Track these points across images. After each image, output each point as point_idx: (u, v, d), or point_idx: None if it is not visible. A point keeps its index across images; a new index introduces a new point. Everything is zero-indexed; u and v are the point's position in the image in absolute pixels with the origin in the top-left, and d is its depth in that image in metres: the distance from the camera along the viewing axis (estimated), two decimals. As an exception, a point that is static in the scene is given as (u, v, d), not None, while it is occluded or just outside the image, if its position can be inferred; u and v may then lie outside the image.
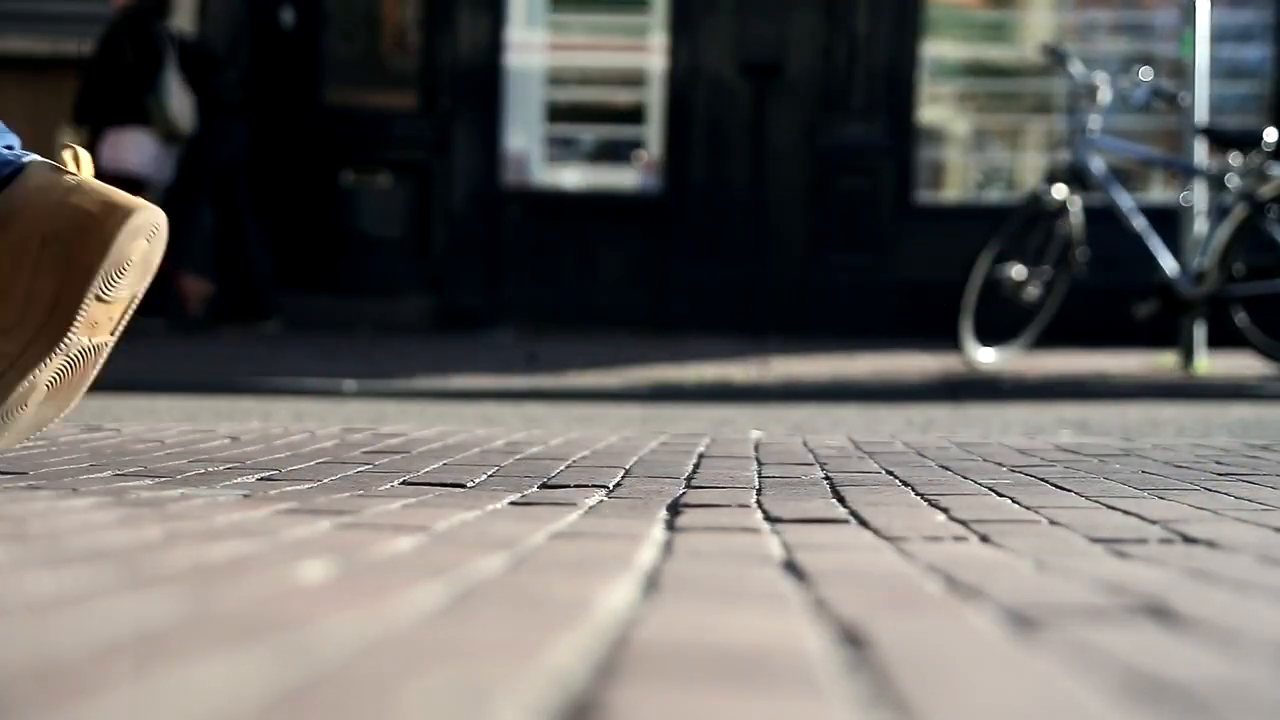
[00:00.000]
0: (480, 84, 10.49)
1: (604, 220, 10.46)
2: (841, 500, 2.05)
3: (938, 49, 10.61)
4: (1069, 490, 2.21)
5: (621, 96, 10.82)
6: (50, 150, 2.46)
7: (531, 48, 10.69)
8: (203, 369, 7.31)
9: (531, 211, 10.49)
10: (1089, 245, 7.94)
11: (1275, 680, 0.92)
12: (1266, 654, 1.00)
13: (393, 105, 10.69)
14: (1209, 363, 7.79)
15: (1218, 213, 7.70)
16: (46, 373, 2.27)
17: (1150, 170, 10.22)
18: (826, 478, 2.39)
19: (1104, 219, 8.08)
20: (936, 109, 10.72)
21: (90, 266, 2.22)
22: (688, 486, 2.22)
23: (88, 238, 2.22)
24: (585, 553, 1.46)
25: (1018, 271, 7.77)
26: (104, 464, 2.49)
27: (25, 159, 2.36)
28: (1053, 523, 1.80)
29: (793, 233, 10.38)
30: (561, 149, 10.79)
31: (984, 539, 1.63)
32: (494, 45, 10.52)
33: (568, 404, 6.48)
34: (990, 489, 2.21)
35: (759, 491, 2.16)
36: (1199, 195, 7.84)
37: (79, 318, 2.24)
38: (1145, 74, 8.14)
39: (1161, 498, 2.12)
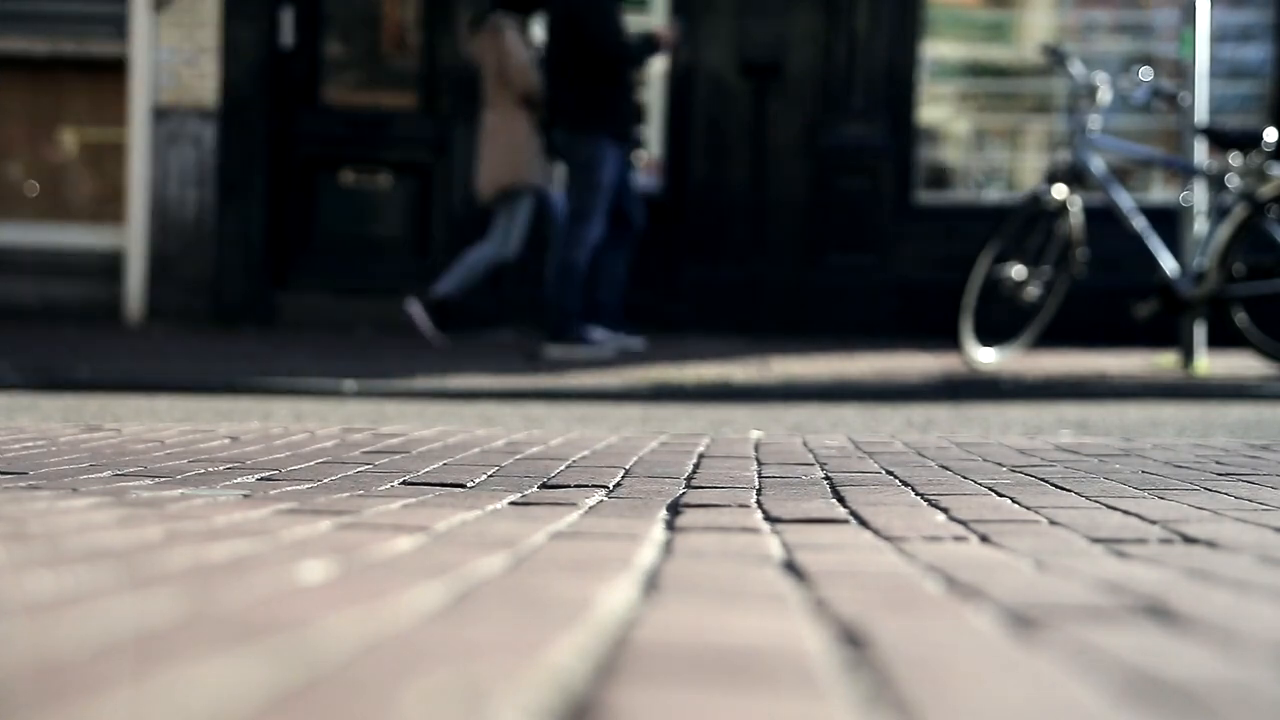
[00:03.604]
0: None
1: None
2: (841, 500, 2.05)
3: (938, 49, 10.61)
4: (1069, 490, 2.21)
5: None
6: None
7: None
8: (203, 369, 7.31)
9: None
10: (1089, 245, 7.95)
11: (1275, 680, 0.92)
12: (1266, 654, 1.00)
13: (393, 105, 10.69)
14: (1209, 363, 7.79)
15: (1218, 213, 7.70)
16: None
17: (1150, 170, 10.22)
18: (826, 478, 2.39)
19: (1104, 219, 8.09)
20: (936, 109, 10.71)
21: None
22: (688, 486, 2.22)
23: None
24: (585, 553, 1.46)
25: (1018, 271, 7.77)
26: (104, 464, 2.49)
27: None
28: (1053, 523, 1.80)
29: (793, 233, 10.38)
30: (561, 149, 10.79)
31: (984, 539, 1.63)
32: (494, 45, 10.51)
33: (568, 404, 6.48)
34: (990, 489, 2.21)
35: (759, 491, 2.16)
36: (1199, 195, 7.84)
37: None
38: (1145, 74, 8.14)
39: (1161, 498, 2.12)
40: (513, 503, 1.95)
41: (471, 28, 9.06)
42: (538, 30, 9.19)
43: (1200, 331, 7.81)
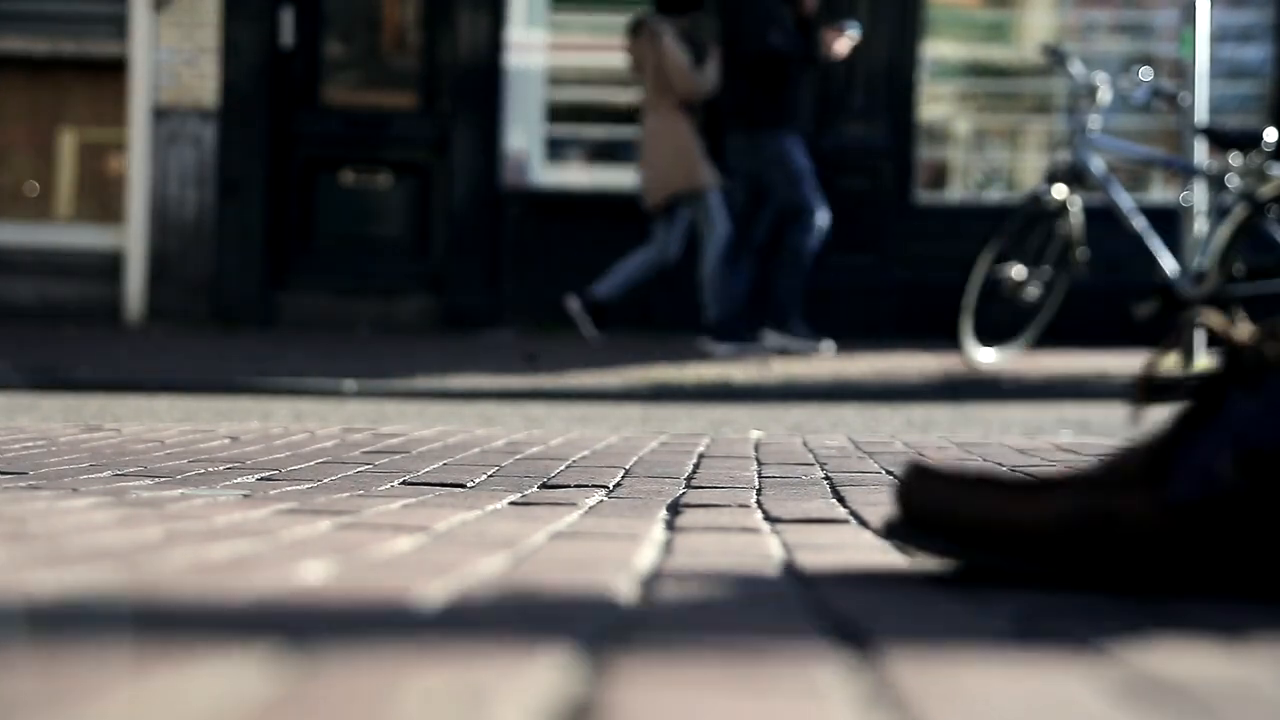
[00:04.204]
0: (480, 84, 10.49)
1: (604, 220, 10.46)
2: (841, 500, 2.05)
3: (938, 49, 10.61)
4: (1069, 490, 2.21)
5: (621, 96, 10.81)
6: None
7: (531, 48, 10.69)
8: (203, 369, 7.31)
9: (531, 211, 10.49)
10: (1089, 245, 7.95)
11: (1275, 680, 0.92)
12: (1266, 654, 1.00)
13: (393, 105, 10.69)
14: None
15: (1218, 213, 7.70)
16: None
17: (1150, 170, 10.22)
18: (826, 478, 2.39)
19: (1104, 219, 8.09)
20: (936, 109, 10.71)
21: None
22: (688, 486, 2.22)
23: None
24: (585, 553, 1.46)
25: (1018, 271, 7.77)
26: (104, 464, 2.49)
27: None
28: (1053, 523, 1.79)
29: (793, 233, 10.37)
30: (561, 149, 10.80)
31: (984, 539, 1.63)
32: (494, 45, 10.52)
33: (568, 404, 6.48)
34: (990, 489, 2.21)
35: (759, 491, 2.16)
36: (1199, 195, 7.84)
37: None
38: (1145, 74, 8.14)
39: (1161, 498, 2.12)
40: (513, 503, 1.95)
41: (629, 32, 9.12)
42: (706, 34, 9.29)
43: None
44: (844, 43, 8.60)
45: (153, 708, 0.76)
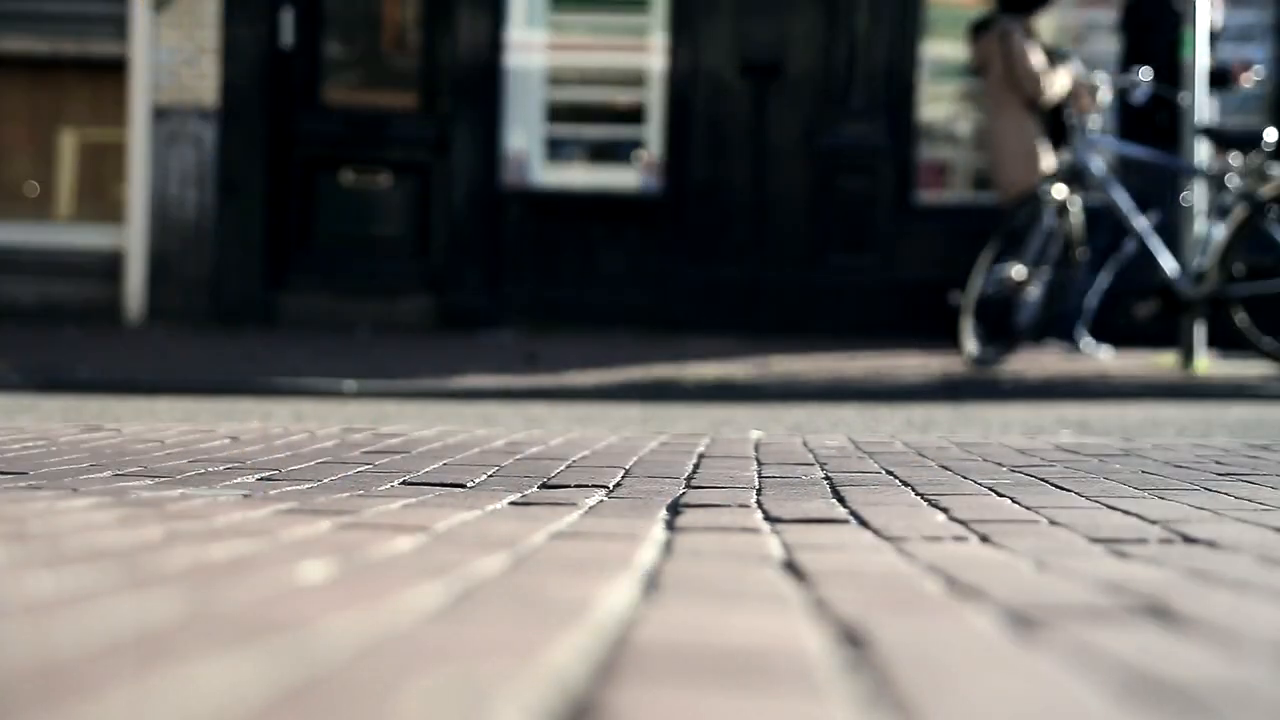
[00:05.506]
0: (480, 84, 10.49)
1: (604, 220, 10.45)
2: (841, 500, 2.05)
3: (938, 49, 10.60)
4: (1069, 490, 2.21)
5: (621, 96, 10.81)
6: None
7: (531, 48, 10.69)
8: (203, 369, 7.31)
9: (531, 211, 10.49)
10: (1089, 245, 7.95)
11: (1275, 680, 0.92)
12: (1266, 654, 1.00)
13: (393, 105, 10.69)
14: (1209, 363, 7.79)
15: (1218, 213, 7.70)
16: None
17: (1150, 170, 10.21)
18: (826, 478, 2.39)
19: (1104, 219, 8.10)
20: (936, 109, 10.70)
21: None
22: (688, 486, 2.22)
23: None
24: (585, 553, 1.46)
25: (1018, 271, 7.77)
26: (104, 464, 2.49)
27: None
28: (1053, 523, 1.80)
29: (793, 233, 10.38)
30: (561, 149, 10.79)
31: (984, 539, 1.63)
32: (494, 45, 10.51)
33: (568, 404, 6.48)
34: (990, 489, 2.21)
35: (759, 491, 2.16)
36: (1199, 195, 7.84)
37: None
38: (1145, 74, 8.14)
39: (1161, 498, 2.12)
40: (513, 503, 1.95)
41: (974, 31, 9.08)
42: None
43: (1200, 331, 7.81)
44: (1249, 76, 8.61)
45: (153, 708, 0.76)
